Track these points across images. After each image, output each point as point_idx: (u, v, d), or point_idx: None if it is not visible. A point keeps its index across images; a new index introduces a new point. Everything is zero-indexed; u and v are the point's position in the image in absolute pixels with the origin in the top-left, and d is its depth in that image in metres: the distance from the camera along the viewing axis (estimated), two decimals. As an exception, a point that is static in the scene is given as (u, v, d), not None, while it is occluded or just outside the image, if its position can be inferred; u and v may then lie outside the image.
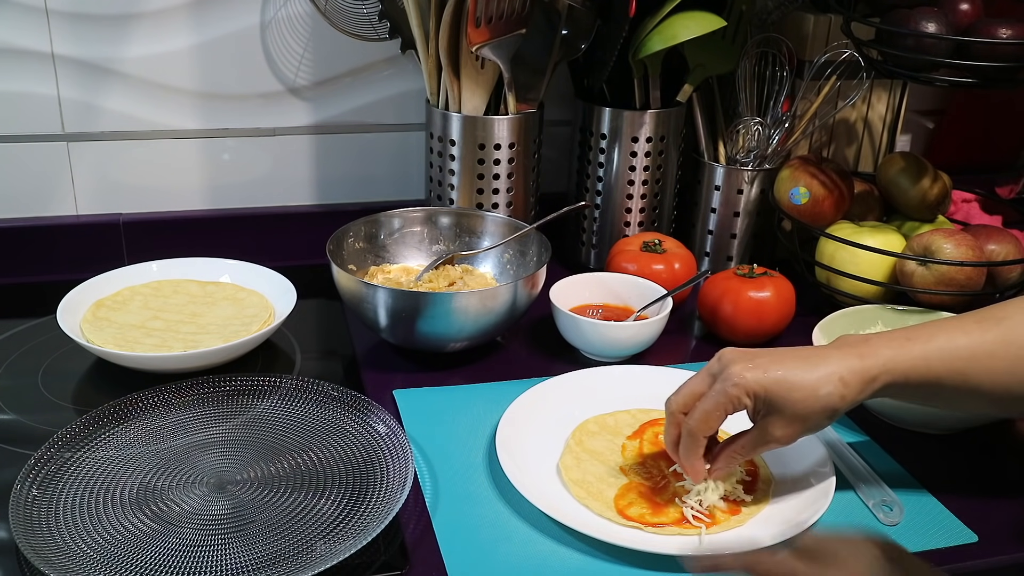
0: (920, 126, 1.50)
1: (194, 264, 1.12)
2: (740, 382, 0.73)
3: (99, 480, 0.80)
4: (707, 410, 0.75)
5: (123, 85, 1.16)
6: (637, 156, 1.18)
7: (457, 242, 1.15)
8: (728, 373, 0.74)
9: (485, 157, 1.13)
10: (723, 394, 0.74)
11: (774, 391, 0.73)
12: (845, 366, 0.73)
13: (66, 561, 0.70)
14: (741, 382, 0.73)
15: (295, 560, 0.71)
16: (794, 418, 0.74)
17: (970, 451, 0.90)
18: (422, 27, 1.09)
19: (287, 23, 1.19)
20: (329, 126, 1.26)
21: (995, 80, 1.04)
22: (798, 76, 1.21)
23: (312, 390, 0.92)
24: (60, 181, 1.19)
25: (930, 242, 1.07)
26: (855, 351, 0.75)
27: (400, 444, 0.83)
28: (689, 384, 0.77)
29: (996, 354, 0.74)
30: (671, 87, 1.19)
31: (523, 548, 0.75)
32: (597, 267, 1.25)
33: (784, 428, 0.74)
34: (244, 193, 1.26)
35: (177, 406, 0.90)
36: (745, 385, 0.73)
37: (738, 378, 0.73)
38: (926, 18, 1.02)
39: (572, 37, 1.15)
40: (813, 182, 1.14)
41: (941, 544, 0.77)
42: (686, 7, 1.09)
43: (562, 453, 0.86)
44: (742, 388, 0.73)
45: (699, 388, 0.76)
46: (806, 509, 0.78)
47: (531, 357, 1.05)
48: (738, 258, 1.23)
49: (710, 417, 0.75)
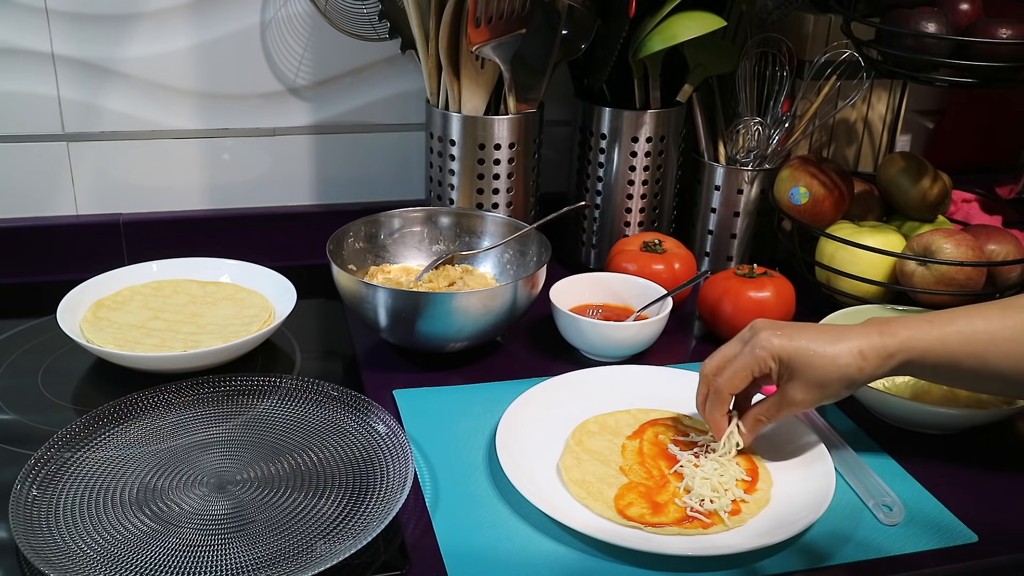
0: (920, 126, 1.50)
1: (194, 264, 1.12)
2: (767, 346, 0.80)
3: (99, 480, 0.80)
4: (735, 370, 0.81)
5: (123, 85, 1.16)
6: (637, 156, 1.18)
7: (457, 242, 1.15)
8: (757, 339, 0.80)
9: (485, 157, 1.13)
10: (751, 356, 0.80)
11: (796, 357, 0.79)
12: (866, 342, 0.79)
13: (66, 561, 0.70)
14: (768, 346, 0.80)
15: (295, 560, 0.71)
16: (813, 384, 0.79)
17: (970, 451, 0.90)
18: (422, 27, 1.09)
19: (287, 23, 1.19)
20: (329, 126, 1.26)
21: (995, 80, 1.04)
22: (798, 76, 1.21)
23: (312, 390, 0.92)
24: (60, 181, 1.19)
25: (930, 242, 1.07)
26: (876, 329, 0.80)
27: (400, 444, 0.83)
28: (722, 349, 0.84)
29: (1016, 339, 0.78)
30: (671, 87, 1.19)
31: (523, 548, 0.75)
32: (597, 267, 1.25)
33: (804, 393, 0.80)
34: (244, 193, 1.26)
35: (177, 406, 0.90)
36: (771, 349, 0.80)
37: (766, 342, 0.80)
38: (926, 18, 1.02)
39: (572, 37, 1.15)
40: (813, 182, 1.14)
41: (941, 544, 0.77)
42: (686, 7, 1.09)
43: (562, 453, 0.86)
44: (768, 351, 0.80)
45: (731, 352, 0.83)
46: (806, 509, 0.78)
47: (531, 357, 1.05)
48: (738, 258, 1.23)
49: (736, 376, 0.81)
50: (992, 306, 0.80)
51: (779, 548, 0.75)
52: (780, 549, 0.76)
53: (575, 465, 0.84)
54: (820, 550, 0.76)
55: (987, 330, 0.78)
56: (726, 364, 0.82)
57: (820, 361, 0.78)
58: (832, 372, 0.78)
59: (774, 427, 0.89)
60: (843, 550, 0.76)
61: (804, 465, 0.84)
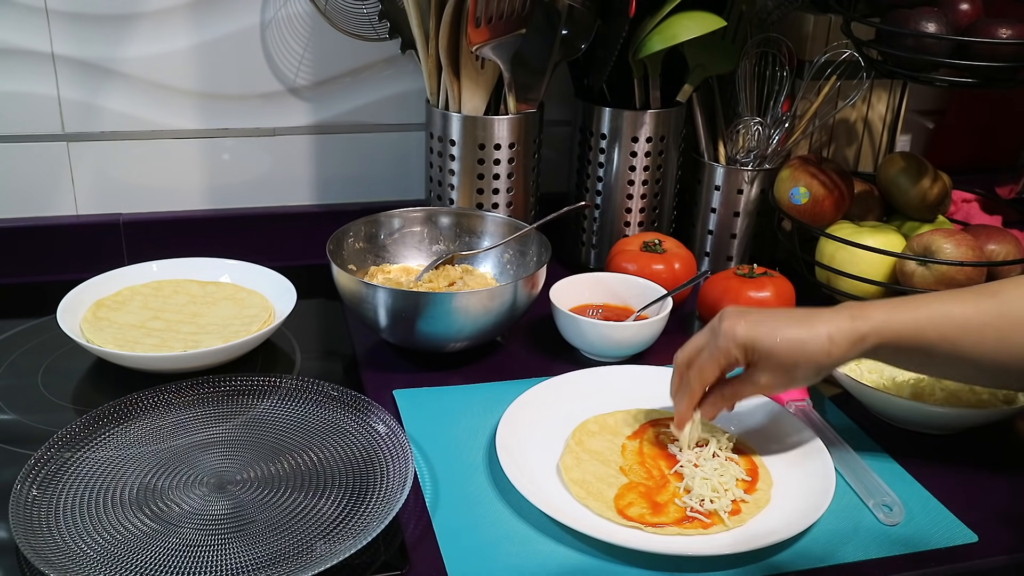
0: (920, 126, 1.50)
1: (194, 264, 1.12)
2: (729, 334, 0.79)
3: (99, 480, 0.80)
4: (702, 364, 0.81)
5: (123, 85, 1.16)
6: (637, 156, 1.18)
7: (457, 242, 1.15)
8: (722, 327, 0.79)
9: (485, 157, 1.13)
10: (715, 347, 0.79)
11: (761, 341, 0.78)
12: (835, 325, 0.77)
13: (66, 561, 0.70)
14: (731, 335, 0.78)
15: (295, 560, 0.71)
16: (779, 367, 0.78)
17: (970, 451, 0.90)
18: (422, 27, 1.09)
19: (287, 23, 1.19)
20: (329, 126, 1.26)
21: (995, 80, 1.04)
22: (798, 76, 1.21)
23: (312, 390, 0.92)
24: (60, 181, 1.19)
25: (930, 242, 1.07)
26: (848, 312, 0.78)
27: (400, 444, 0.83)
28: (693, 340, 0.83)
29: (989, 324, 0.76)
30: (671, 87, 1.19)
31: (523, 548, 0.75)
32: (597, 267, 1.25)
33: (769, 376, 0.79)
34: (244, 193, 1.26)
35: (177, 406, 0.90)
36: (735, 338, 0.78)
37: (729, 331, 0.79)
38: (926, 18, 1.02)
39: (572, 37, 1.15)
40: (813, 182, 1.14)
41: (941, 544, 0.77)
42: (686, 7, 1.09)
43: (562, 453, 0.86)
44: (732, 341, 0.78)
45: (700, 342, 0.82)
46: (806, 509, 0.78)
47: (531, 357, 1.05)
48: (738, 258, 1.23)
49: (705, 370, 0.81)
50: (967, 291, 0.79)
51: (779, 548, 0.75)
52: (780, 549, 0.76)
53: (575, 465, 0.84)
54: (820, 550, 0.76)
55: (962, 314, 0.76)
56: (696, 354, 0.82)
57: (786, 346, 0.77)
58: (798, 357, 0.77)
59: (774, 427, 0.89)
60: (843, 550, 0.76)
61: (804, 465, 0.84)
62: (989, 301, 0.77)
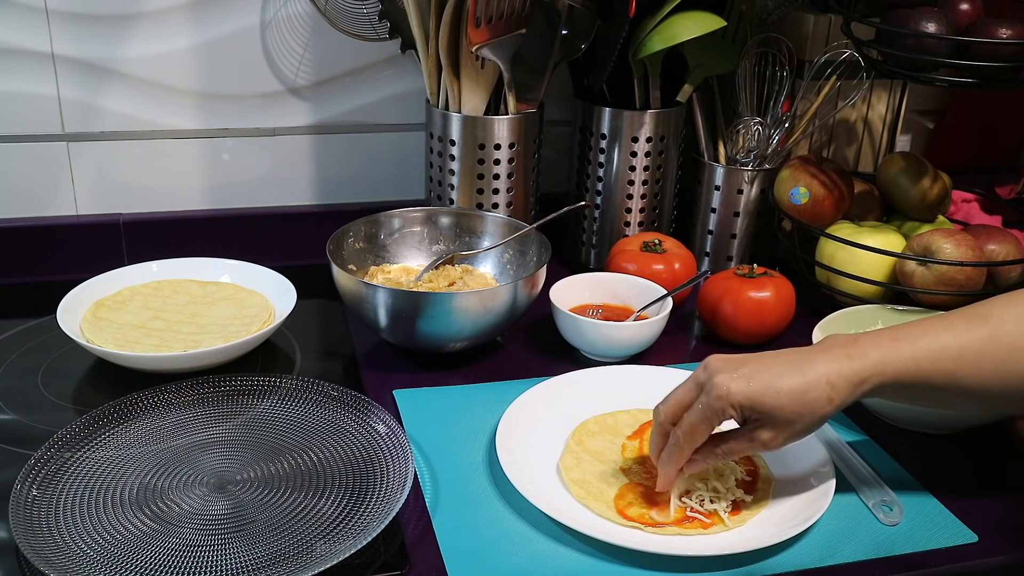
0: (920, 126, 1.50)
1: (194, 264, 1.12)
2: (724, 394, 0.72)
3: (99, 480, 0.80)
4: (693, 423, 0.74)
5: (123, 85, 1.16)
6: (637, 156, 1.18)
7: (457, 242, 1.15)
8: (712, 384, 0.73)
9: (485, 157, 1.13)
10: (708, 407, 0.73)
11: (760, 400, 0.72)
12: (833, 369, 0.73)
13: (66, 561, 0.70)
14: (725, 394, 0.72)
15: (295, 560, 0.71)
16: (783, 425, 0.73)
17: (970, 451, 0.90)
18: (422, 27, 1.09)
19: (287, 23, 1.19)
20: (329, 126, 1.26)
21: (995, 80, 1.04)
22: (798, 76, 1.21)
23: (312, 390, 0.92)
24: (60, 181, 1.19)
25: (930, 242, 1.07)
26: (843, 352, 0.74)
27: (400, 444, 0.83)
28: (676, 393, 0.76)
29: (985, 353, 0.73)
30: (671, 87, 1.19)
31: (523, 548, 0.75)
32: (597, 267, 1.25)
33: (772, 434, 0.74)
34: (244, 193, 1.26)
35: (177, 406, 0.90)
36: (729, 398, 0.72)
37: (723, 390, 0.72)
38: (926, 18, 1.02)
39: (572, 37, 1.15)
40: (813, 182, 1.14)
41: (941, 544, 0.77)
42: (686, 7, 1.09)
43: (562, 453, 0.86)
44: (727, 401, 0.72)
45: (686, 398, 0.75)
46: (806, 509, 0.78)
47: (531, 357, 1.05)
48: (738, 258, 1.23)
49: (696, 431, 0.74)
50: (956, 317, 0.76)
51: (779, 548, 0.75)
52: (780, 549, 0.76)
53: (575, 465, 0.84)
54: (820, 550, 0.76)
55: (956, 345, 0.73)
56: (681, 411, 0.75)
57: (786, 400, 0.72)
58: (800, 410, 0.72)
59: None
60: (843, 550, 0.76)
61: (804, 465, 0.84)
62: (982, 328, 0.74)
